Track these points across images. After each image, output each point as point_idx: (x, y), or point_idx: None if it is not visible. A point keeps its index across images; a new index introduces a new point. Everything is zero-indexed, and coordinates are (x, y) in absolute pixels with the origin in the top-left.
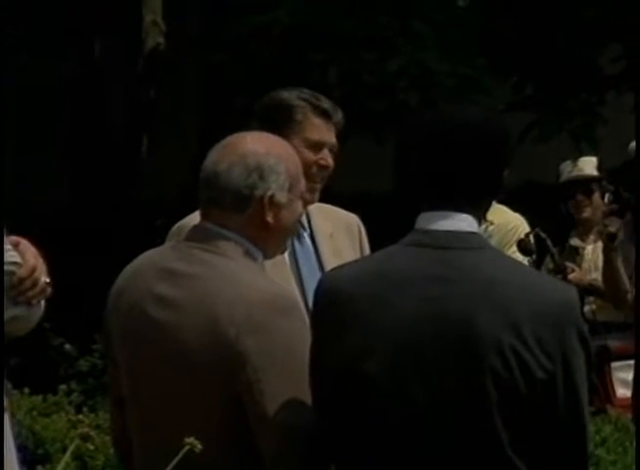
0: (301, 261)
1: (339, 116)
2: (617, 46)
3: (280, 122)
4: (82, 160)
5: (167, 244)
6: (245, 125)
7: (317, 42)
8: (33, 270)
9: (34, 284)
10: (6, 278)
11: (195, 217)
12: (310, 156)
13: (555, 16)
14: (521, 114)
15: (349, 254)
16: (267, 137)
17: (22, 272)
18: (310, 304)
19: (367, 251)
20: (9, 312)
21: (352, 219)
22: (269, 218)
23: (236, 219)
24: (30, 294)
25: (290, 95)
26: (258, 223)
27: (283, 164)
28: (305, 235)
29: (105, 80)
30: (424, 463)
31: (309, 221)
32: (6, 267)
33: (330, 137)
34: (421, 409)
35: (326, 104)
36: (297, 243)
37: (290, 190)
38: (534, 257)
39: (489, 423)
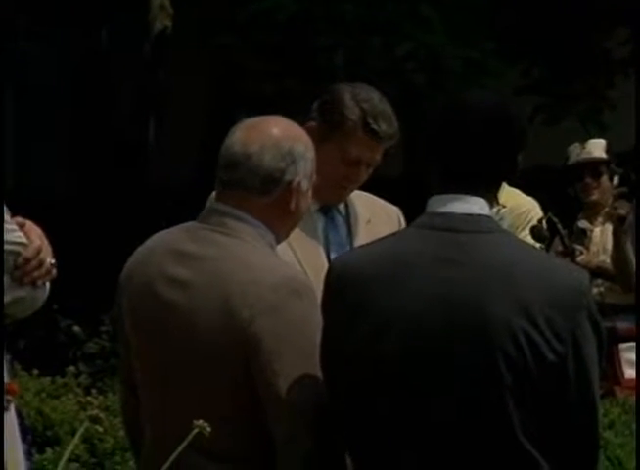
0: (333, 248)
1: (390, 135)
2: (624, 30)
3: (331, 124)
4: (90, 144)
5: (180, 225)
6: (253, 108)
7: (323, 27)
8: (39, 251)
9: (40, 265)
10: (11, 258)
11: None
12: (342, 170)
13: (563, 0)
14: (529, 97)
15: None
16: (291, 123)
17: (27, 253)
18: None
19: None
20: (14, 293)
21: (393, 210)
22: (292, 204)
23: (258, 202)
24: (36, 274)
25: (350, 101)
26: (281, 208)
27: (310, 152)
28: (340, 219)
29: (112, 65)
30: (435, 445)
31: (347, 207)
32: (11, 247)
33: (371, 154)
34: (432, 391)
35: (381, 126)
36: (330, 228)
37: (310, 179)
38: (546, 243)
39: (501, 405)
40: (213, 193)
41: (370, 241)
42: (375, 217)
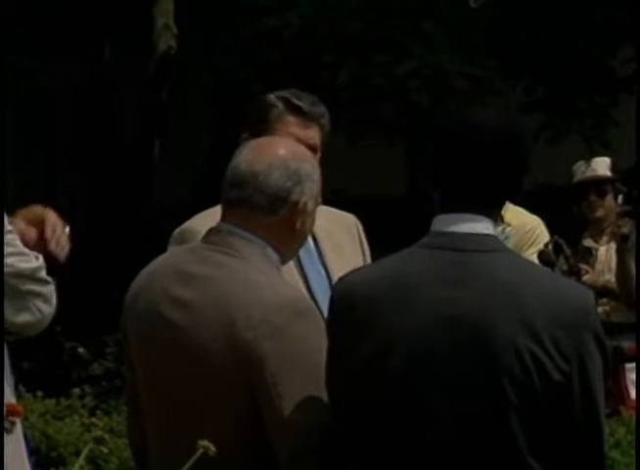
0: (305, 261)
1: (319, 113)
2: (628, 48)
3: (257, 123)
4: (93, 163)
5: (184, 246)
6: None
7: (327, 44)
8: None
9: (58, 237)
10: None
11: (196, 222)
12: None
13: (566, 17)
14: (532, 115)
15: (350, 250)
16: (298, 145)
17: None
18: (319, 304)
19: (366, 249)
20: (20, 318)
21: (350, 219)
22: (298, 224)
23: (264, 221)
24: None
25: (270, 95)
26: (287, 228)
27: (316, 173)
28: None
29: (116, 84)
30: (441, 465)
31: None
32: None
33: (305, 135)
34: (437, 411)
35: (304, 101)
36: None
37: (316, 200)
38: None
39: (506, 425)
40: (196, 216)
41: (338, 252)
42: (335, 229)
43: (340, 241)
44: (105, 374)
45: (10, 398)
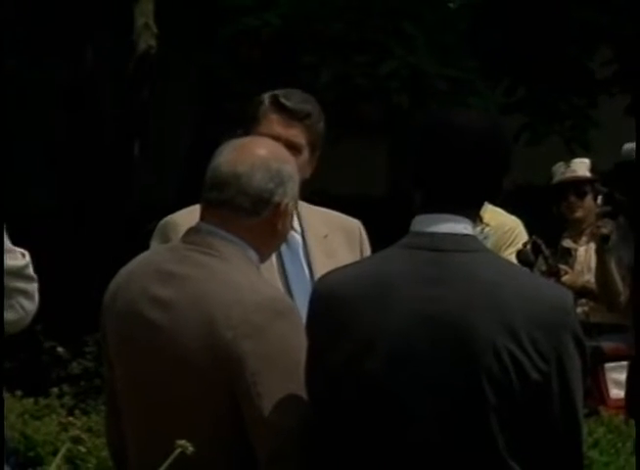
0: (287, 261)
1: (303, 112)
2: (606, 50)
3: (246, 120)
4: (74, 163)
5: (163, 245)
6: (237, 127)
7: (308, 45)
8: None
9: None
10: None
11: (181, 215)
12: None
13: (545, 18)
14: (512, 116)
15: (345, 255)
16: (277, 145)
17: None
18: (297, 302)
19: (368, 254)
20: (5, 315)
21: (353, 223)
22: (279, 225)
23: (246, 223)
24: None
25: (265, 93)
26: (269, 229)
27: (296, 174)
28: (296, 235)
29: (97, 84)
30: (419, 465)
31: (301, 222)
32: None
33: (286, 133)
34: (417, 411)
35: (291, 100)
36: (283, 244)
37: (295, 200)
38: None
39: (484, 425)
40: (183, 210)
41: (328, 255)
42: (332, 233)
43: (334, 245)
44: (84, 373)
45: None
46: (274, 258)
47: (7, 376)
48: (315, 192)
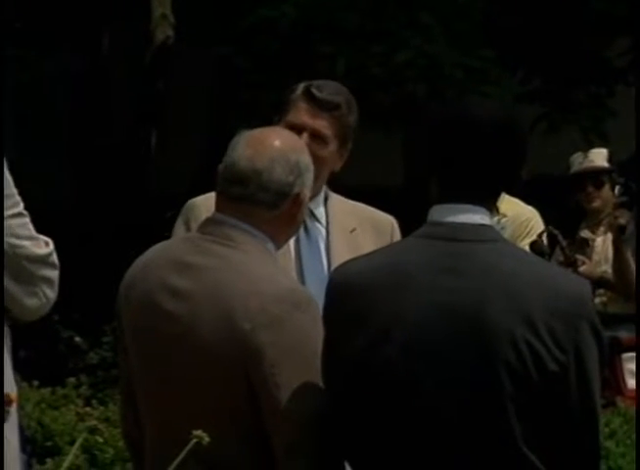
0: (304, 249)
1: (332, 104)
2: (625, 39)
3: (279, 109)
4: (90, 154)
5: (180, 236)
6: (253, 117)
7: (324, 35)
8: None
9: None
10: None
11: (208, 199)
12: None
13: (562, 8)
14: (529, 106)
15: (371, 250)
16: (291, 134)
17: None
18: (310, 291)
19: None
20: (29, 302)
21: (386, 219)
22: (298, 215)
23: (267, 216)
24: None
25: (299, 84)
26: (288, 220)
27: (311, 163)
28: (320, 227)
29: (113, 74)
30: (436, 454)
31: (327, 215)
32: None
33: (313, 123)
34: (434, 401)
35: (322, 91)
36: (302, 233)
37: (310, 188)
38: (547, 258)
39: (502, 415)
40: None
41: (352, 249)
42: (361, 227)
43: (360, 240)
44: (101, 363)
45: (12, 386)
46: (291, 244)
47: (23, 365)
48: (329, 183)
